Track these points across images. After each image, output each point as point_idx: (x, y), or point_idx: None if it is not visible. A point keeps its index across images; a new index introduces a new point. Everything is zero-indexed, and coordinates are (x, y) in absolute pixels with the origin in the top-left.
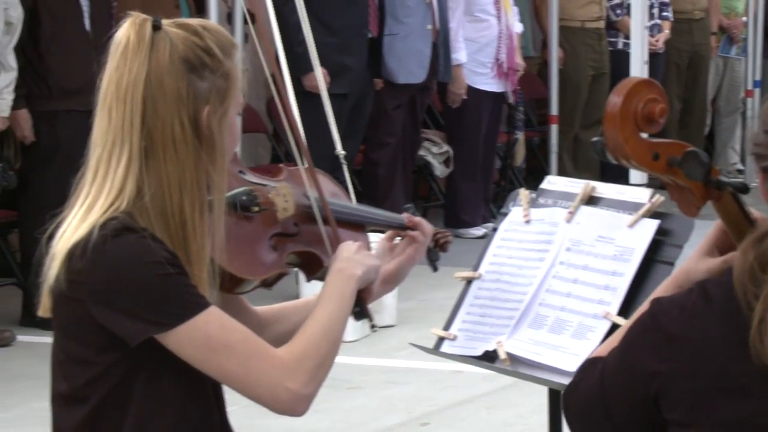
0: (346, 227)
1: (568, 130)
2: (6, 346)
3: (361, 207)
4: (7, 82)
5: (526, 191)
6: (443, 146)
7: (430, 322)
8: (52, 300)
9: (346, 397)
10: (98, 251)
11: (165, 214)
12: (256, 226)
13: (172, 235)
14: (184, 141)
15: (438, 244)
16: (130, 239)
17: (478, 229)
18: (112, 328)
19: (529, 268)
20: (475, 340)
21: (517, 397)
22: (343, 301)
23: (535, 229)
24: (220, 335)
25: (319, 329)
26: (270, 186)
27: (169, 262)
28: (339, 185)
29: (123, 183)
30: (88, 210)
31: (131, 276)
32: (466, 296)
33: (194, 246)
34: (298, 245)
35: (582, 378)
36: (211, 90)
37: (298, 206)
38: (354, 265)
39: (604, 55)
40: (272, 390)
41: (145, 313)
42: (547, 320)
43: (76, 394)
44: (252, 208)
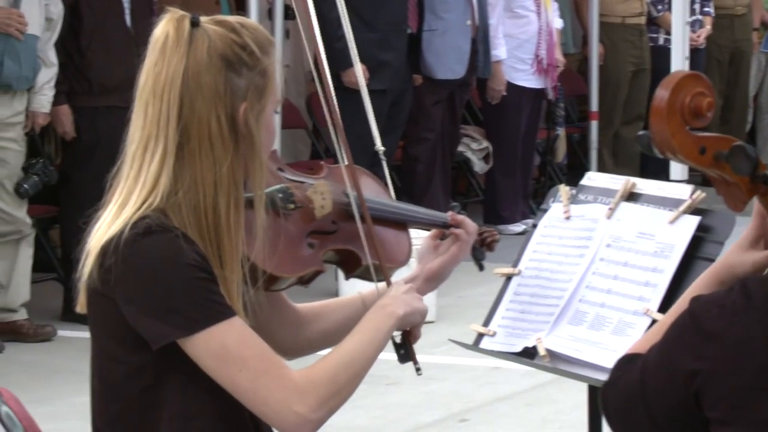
0: (388, 225)
1: (608, 127)
2: (47, 341)
3: (404, 205)
4: (48, 78)
5: (566, 187)
6: (483, 142)
7: (469, 319)
8: (87, 295)
9: (384, 393)
10: (128, 250)
11: (198, 211)
12: (293, 224)
13: (205, 232)
14: (220, 138)
15: (485, 243)
16: (160, 239)
17: (517, 226)
18: (137, 329)
19: (569, 264)
20: (515, 336)
21: (556, 394)
22: (375, 336)
23: (575, 225)
24: (235, 347)
25: (343, 359)
26: (308, 183)
27: (198, 265)
28: (382, 184)
29: (157, 179)
30: (121, 206)
31: (158, 277)
32: (505, 292)
33: (227, 244)
34: (336, 243)
35: (620, 375)
36: (248, 87)
37: (336, 204)
38: (398, 304)
39: (644, 51)
40: (278, 410)
41: (168, 316)
42: (587, 317)
43: (107, 390)
44: (288, 205)
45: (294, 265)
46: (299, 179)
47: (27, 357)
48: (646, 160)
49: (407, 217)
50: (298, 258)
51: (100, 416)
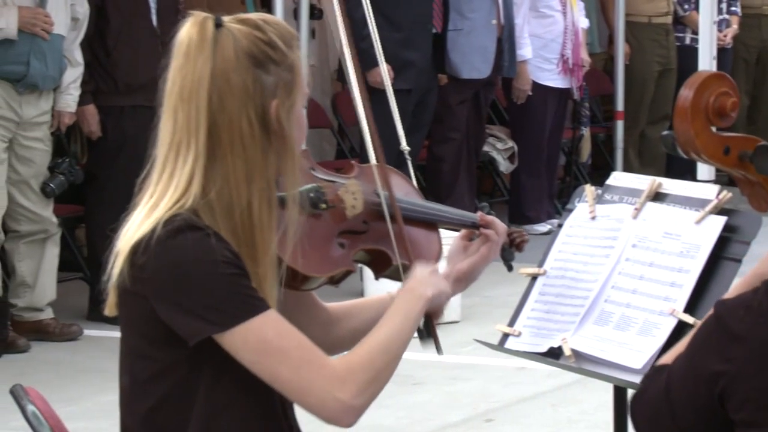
0: (418, 225)
1: (633, 126)
2: (73, 340)
3: (434, 205)
4: (74, 78)
5: (592, 187)
6: (508, 142)
7: (495, 319)
8: (117, 295)
9: (410, 393)
10: (161, 248)
11: (231, 211)
12: (324, 224)
13: (238, 231)
14: (251, 136)
15: (514, 244)
16: (192, 237)
17: (542, 226)
18: (172, 326)
19: (595, 264)
20: (540, 336)
21: (581, 394)
22: (407, 320)
23: (601, 225)
24: (275, 339)
25: (378, 344)
26: (339, 183)
27: (230, 262)
28: (412, 183)
29: (189, 182)
30: (152, 208)
31: (192, 274)
32: (531, 293)
33: (261, 243)
34: (366, 243)
35: (649, 385)
36: (277, 83)
37: (367, 204)
38: (425, 286)
39: (671, 50)
40: (321, 399)
41: (204, 312)
42: (613, 317)
43: (139, 388)
44: (320, 205)
45: (325, 265)
46: (331, 179)
47: (53, 356)
48: (671, 160)
49: (437, 217)
50: (329, 258)
51: (130, 414)
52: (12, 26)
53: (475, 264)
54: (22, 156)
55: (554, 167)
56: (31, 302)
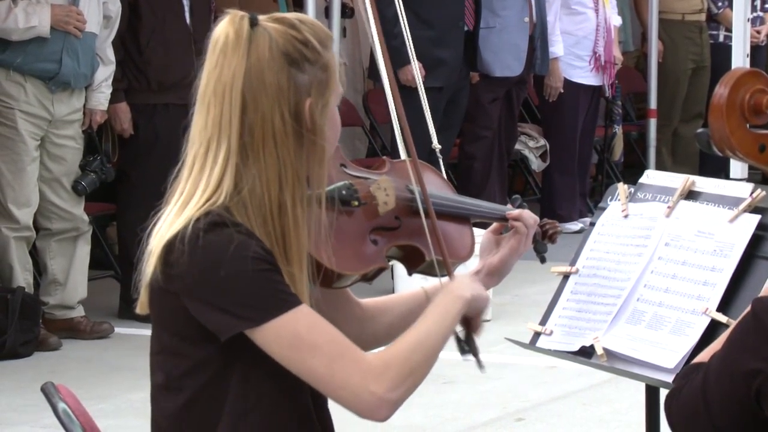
0: (451, 220)
1: (666, 124)
2: (104, 338)
3: (465, 199)
4: (106, 76)
5: (625, 186)
6: (540, 140)
7: (526, 317)
8: (149, 293)
9: (440, 392)
10: (192, 244)
11: (263, 209)
12: (357, 221)
13: (270, 230)
14: (284, 135)
15: (546, 235)
16: (224, 233)
17: (574, 224)
18: (204, 322)
19: (627, 263)
20: (572, 335)
21: (613, 394)
22: (445, 318)
23: (634, 223)
24: (308, 334)
25: (414, 340)
26: (371, 179)
27: (262, 258)
28: (444, 178)
29: (220, 179)
30: (183, 206)
31: (224, 270)
32: (562, 291)
33: (293, 242)
34: (399, 239)
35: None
36: (311, 82)
37: (399, 200)
38: (465, 288)
39: (704, 48)
40: (356, 393)
41: (235, 307)
42: (645, 316)
43: (171, 384)
44: (352, 202)
45: (358, 262)
46: (362, 175)
47: (84, 354)
48: (705, 159)
49: (469, 210)
50: (362, 255)
51: (161, 411)
52: (45, 24)
53: (506, 257)
54: (53, 154)
55: (586, 165)
56: (63, 300)
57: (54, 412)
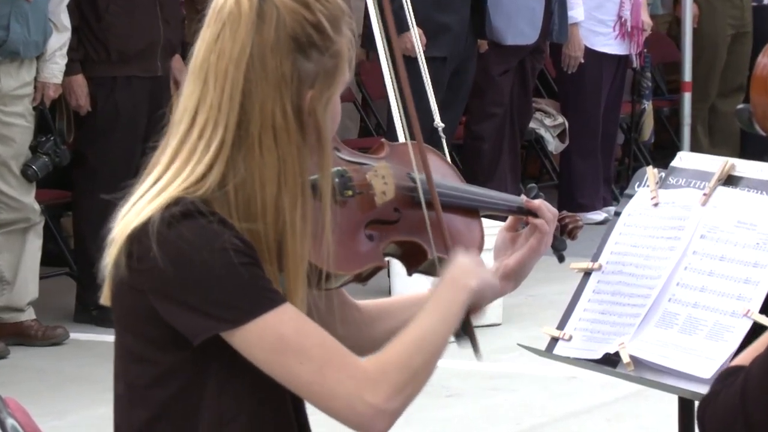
0: (457, 212)
1: (703, 99)
2: (58, 345)
3: (473, 188)
4: (60, 44)
5: (654, 170)
6: (557, 117)
7: (541, 321)
8: (112, 289)
9: (444, 406)
10: (161, 235)
11: (252, 210)
12: (350, 213)
13: (261, 234)
14: (285, 129)
15: (565, 231)
16: (197, 223)
17: (597, 214)
18: (174, 323)
19: (657, 258)
20: (594, 341)
21: (641, 408)
22: (449, 313)
23: (665, 213)
24: (294, 337)
25: (415, 340)
26: (367, 166)
27: (240, 250)
28: (449, 163)
29: (208, 169)
30: (158, 192)
31: (196, 264)
32: (583, 291)
33: (291, 250)
34: (398, 234)
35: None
36: (317, 72)
37: (399, 189)
38: (469, 276)
39: (745, 11)
40: (349, 403)
41: (210, 307)
42: (678, 318)
43: (135, 396)
44: (345, 191)
45: (352, 260)
46: (357, 160)
47: (36, 363)
48: (746, 138)
49: (479, 202)
50: (356, 252)
51: (126, 426)
52: None
53: (524, 258)
54: (0, 134)
55: (611, 147)
56: (11, 301)
57: (1, 428)
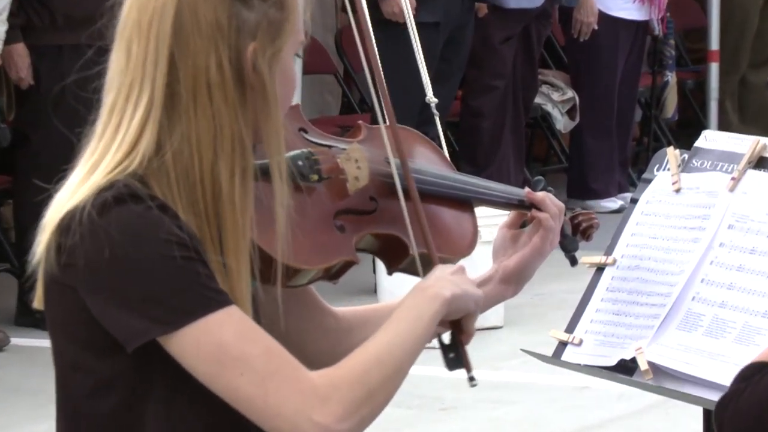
0: (446, 204)
1: (732, 71)
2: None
3: (469, 178)
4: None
5: (676, 151)
6: (567, 92)
7: (548, 323)
8: (44, 286)
9: (437, 420)
10: (93, 224)
11: (191, 180)
12: (317, 200)
13: (201, 207)
14: (221, 87)
15: (578, 230)
16: (133, 210)
17: (612, 201)
18: (107, 326)
19: (680, 251)
20: (608, 345)
21: (661, 421)
22: (416, 325)
23: (688, 200)
24: (236, 344)
25: (375, 354)
26: (338, 148)
27: (181, 242)
28: (441, 152)
29: (138, 136)
30: (91, 171)
31: (130, 258)
32: (595, 288)
33: (231, 224)
34: (374, 226)
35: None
36: (259, 23)
37: (375, 175)
38: (444, 284)
39: None
40: (295, 422)
41: (145, 307)
42: (703, 320)
43: (76, 409)
44: (311, 176)
45: (318, 253)
46: (327, 143)
47: None
48: None
49: (472, 192)
50: (324, 244)
51: None
52: None
53: (526, 259)
54: None
55: (628, 125)
56: None
57: None
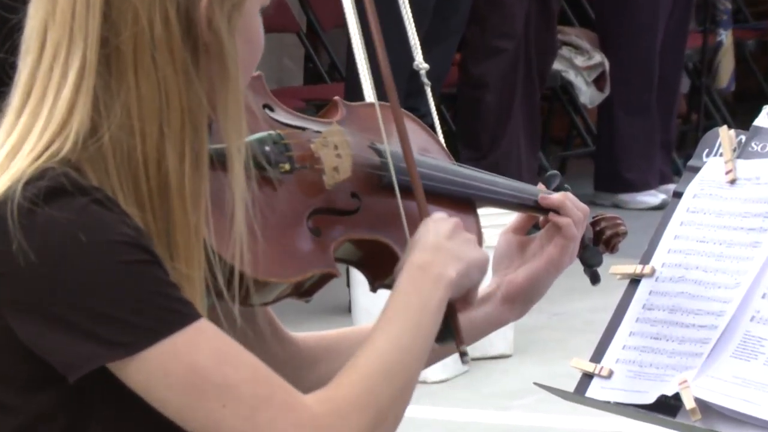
0: (442, 203)
1: None
2: None
3: (471, 171)
4: None
5: (731, 131)
6: (594, 55)
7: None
8: None
9: None
10: (20, 226)
11: (133, 165)
12: (288, 196)
13: (145, 200)
14: (168, 48)
15: (602, 240)
16: (75, 205)
17: (651, 195)
18: (41, 351)
19: (735, 259)
20: (645, 378)
21: None
22: (422, 317)
23: (746, 194)
24: (214, 367)
25: (379, 363)
26: (312, 131)
27: (134, 243)
28: (434, 136)
29: (69, 111)
30: (11, 155)
31: (72, 266)
32: (629, 307)
33: (180, 221)
34: (357, 230)
35: None
36: None
37: (358, 165)
38: (446, 259)
39: None
40: None
41: (93, 325)
42: (764, 346)
43: None
44: (281, 164)
45: (288, 263)
46: (299, 124)
47: None
48: None
49: (476, 190)
50: (295, 253)
51: None
52: None
53: (537, 273)
54: None
55: (671, 98)
56: None
57: None
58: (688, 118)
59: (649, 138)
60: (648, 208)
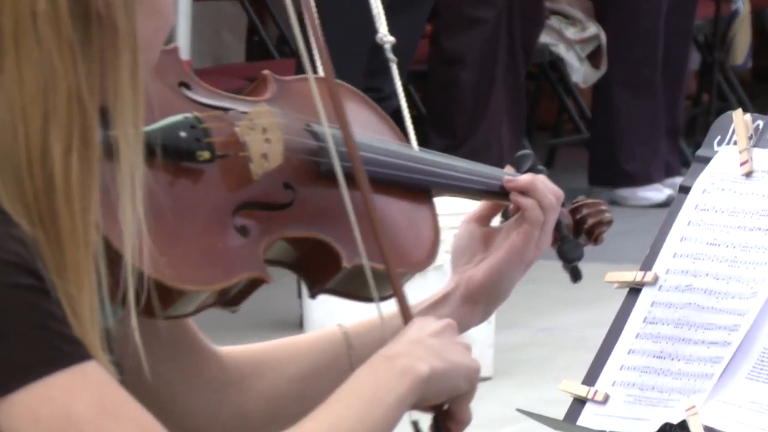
0: (392, 193)
1: None
2: None
3: (426, 155)
4: None
5: (747, 116)
6: (588, 26)
7: (558, 371)
8: None
9: None
10: None
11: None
12: (209, 190)
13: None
14: (53, 20)
15: (583, 230)
16: None
17: (655, 190)
18: None
19: (751, 264)
20: (646, 403)
21: None
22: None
23: (764, 188)
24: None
25: None
26: (236, 111)
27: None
28: (382, 113)
29: None
30: None
31: None
32: (627, 319)
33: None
34: (291, 226)
35: None
36: None
37: (291, 151)
38: (421, 353)
39: None
40: None
41: None
42: None
43: None
44: (199, 152)
45: (210, 267)
46: (220, 103)
47: None
48: None
49: (432, 176)
50: (219, 255)
51: None
52: None
53: (498, 266)
54: None
55: (679, 77)
56: None
57: None
58: (698, 99)
59: (652, 123)
60: (651, 205)
